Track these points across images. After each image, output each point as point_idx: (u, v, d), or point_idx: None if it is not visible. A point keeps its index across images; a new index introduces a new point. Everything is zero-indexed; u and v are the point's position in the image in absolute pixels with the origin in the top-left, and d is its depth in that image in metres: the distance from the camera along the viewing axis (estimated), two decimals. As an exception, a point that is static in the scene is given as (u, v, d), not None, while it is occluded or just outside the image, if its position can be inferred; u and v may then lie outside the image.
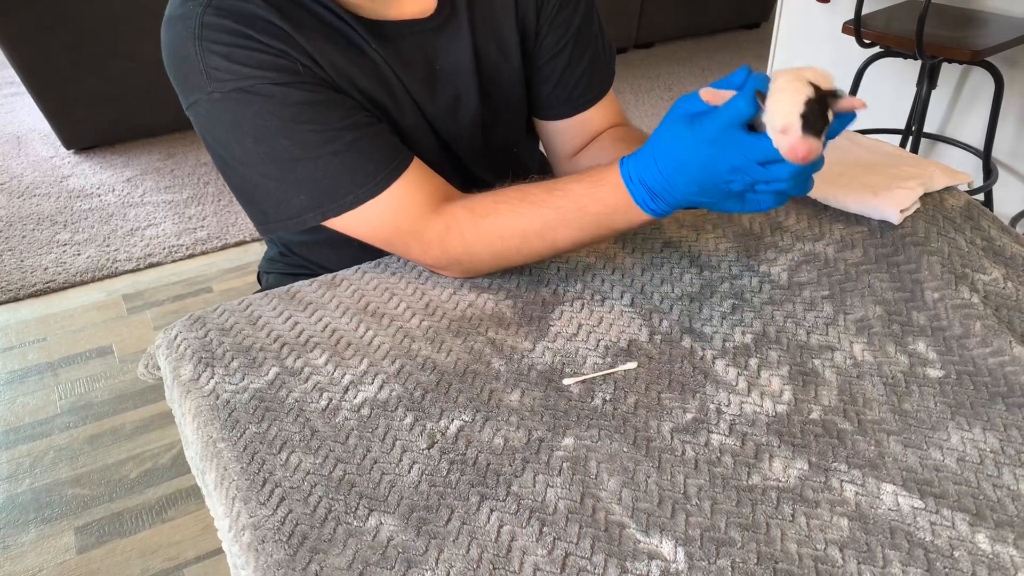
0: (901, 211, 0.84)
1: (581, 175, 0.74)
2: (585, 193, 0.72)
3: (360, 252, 0.85)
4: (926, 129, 2.16)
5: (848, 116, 0.62)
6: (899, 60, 2.09)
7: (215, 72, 0.72)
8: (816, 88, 0.58)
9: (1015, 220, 2.04)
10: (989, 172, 1.99)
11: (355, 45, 0.79)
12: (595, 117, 0.96)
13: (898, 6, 2.03)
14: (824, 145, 0.60)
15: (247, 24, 0.73)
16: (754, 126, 0.62)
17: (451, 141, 0.90)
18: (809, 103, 0.57)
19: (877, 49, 1.96)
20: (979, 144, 2.04)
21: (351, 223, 0.79)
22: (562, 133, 0.98)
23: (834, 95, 0.59)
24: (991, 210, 1.88)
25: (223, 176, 0.80)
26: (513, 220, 0.75)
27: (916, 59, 1.84)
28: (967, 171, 0.93)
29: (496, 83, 0.89)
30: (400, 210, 0.78)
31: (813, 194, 0.90)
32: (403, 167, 0.78)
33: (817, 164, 0.63)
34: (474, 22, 0.85)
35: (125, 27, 2.74)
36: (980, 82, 2.06)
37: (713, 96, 0.63)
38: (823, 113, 0.58)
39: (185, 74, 0.74)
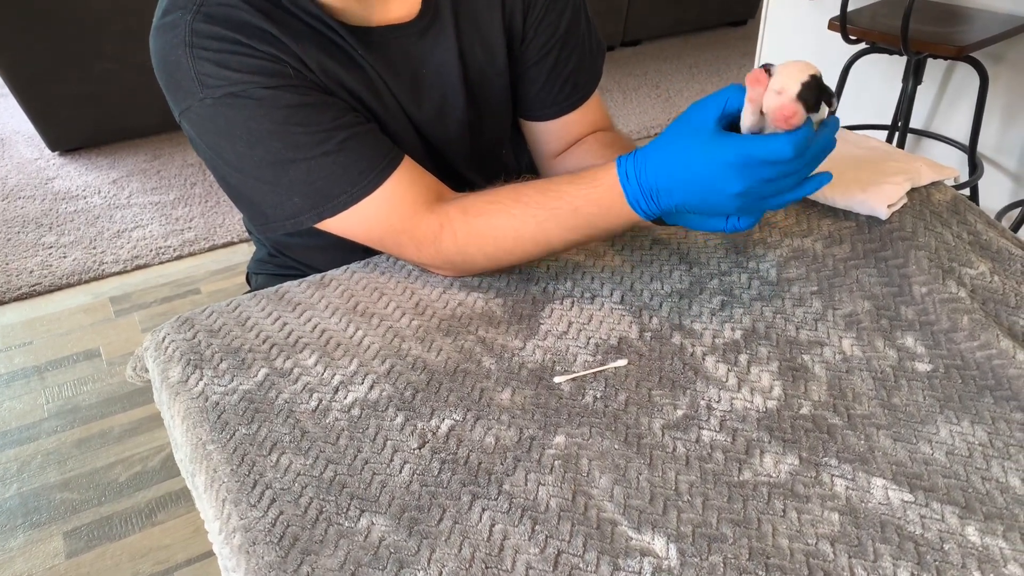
0: (889, 206, 0.84)
1: (575, 176, 0.74)
2: (579, 194, 0.72)
3: (350, 255, 0.85)
4: (912, 125, 2.17)
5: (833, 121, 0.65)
6: (885, 56, 2.10)
7: (206, 78, 0.72)
8: (821, 78, 0.62)
9: (1000, 214, 2.05)
10: (975, 167, 2.00)
11: (343, 51, 0.79)
12: (580, 119, 0.96)
13: (883, 2, 2.04)
14: (814, 132, 0.63)
15: (236, 30, 0.72)
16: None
17: (438, 146, 0.90)
18: (812, 79, 0.60)
19: (863, 45, 1.97)
20: (964, 139, 2.06)
21: (346, 223, 0.79)
22: (547, 134, 0.98)
23: (831, 95, 0.63)
24: (977, 205, 1.89)
25: (219, 181, 0.80)
26: (506, 221, 0.75)
27: (902, 55, 1.85)
28: (953, 166, 0.93)
29: (482, 85, 0.89)
30: (393, 208, 0.78)
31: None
32: (395, 164, 0.78)
33: (817, 157, 0.65)
34: (459, 24, 0.84)
35: (109, 28, 2.72)
36: (965, 78, 2.07)
37: (757, 83, 0.63)
38: (819, 94, 0.61)
39: (177, 81, 0.74)
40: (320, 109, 0.75)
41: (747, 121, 0.64)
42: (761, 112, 0.63)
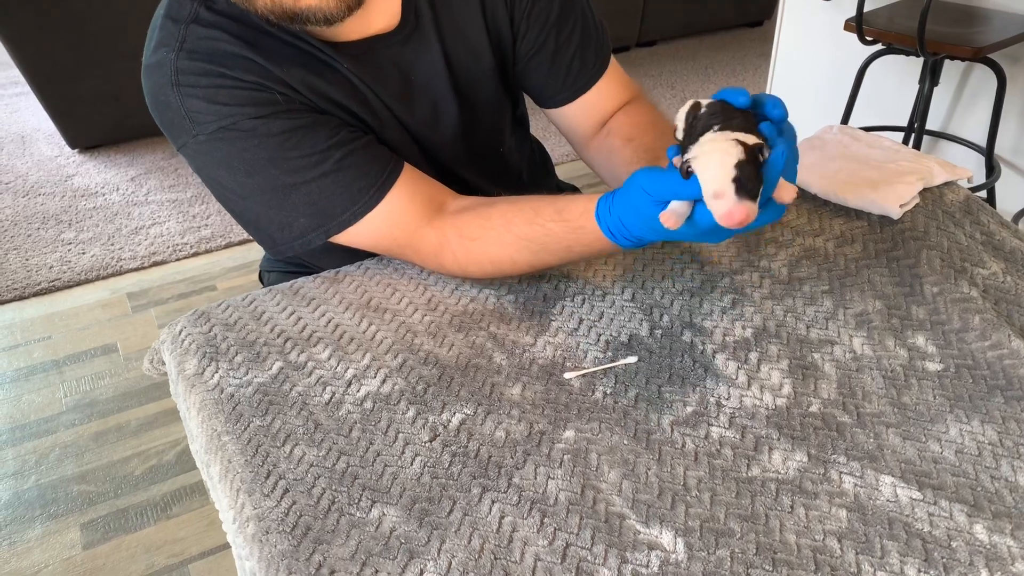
0: (900, 206, 0.84)
1: (559, 214, 0.72)
2: (567, 236, 0.72)
3: (354, 258, 0.86)
4: (928, 126, 2.16)
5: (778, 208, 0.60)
6: (901, 57, 2.09)
7: (196, 115, 0.74)
8: (744, 145, 0.55)
9: (1018, 217, 2.04)
10: (992, 169, 1.99)
11: (328, 66, 0.79)
12: (601, 97, 0.94)
13: (900, 3, 2.03)
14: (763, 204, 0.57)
15: (220, 63, 0.73)
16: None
17: (434, 151, 0.90)
18: (740, 165, 0.54)
19: (879, 46, 1.96)
20: (982, 141, 2.04)
21: (352, 237, 0.80)
22: (572, 118, 0.96)
23: (762, 148, 0.56)
24: (994, 207, 1.88)
25: (226, 208, 0.82)
26: (500, 248, 0.76)
27: (918, 56, 1.84)
28: (970, 168, 0.92)
29: (471, 87, 0.89)
30: (395, 223, 0.79)
31: (813, 189, 0.91)
32: (394, 177, 0.78)
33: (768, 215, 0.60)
34: (440, 29, 0.84)
35: (129, 26, 2.75)
36: (982, 79, 2.05)
37: (674, 221, 0.60)
38: (756, 173, 0.54)
39: (169, 120, 0.76)
40: (313, 130, 0.76)
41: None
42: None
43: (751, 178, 0.54)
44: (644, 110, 0.95)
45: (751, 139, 0.56)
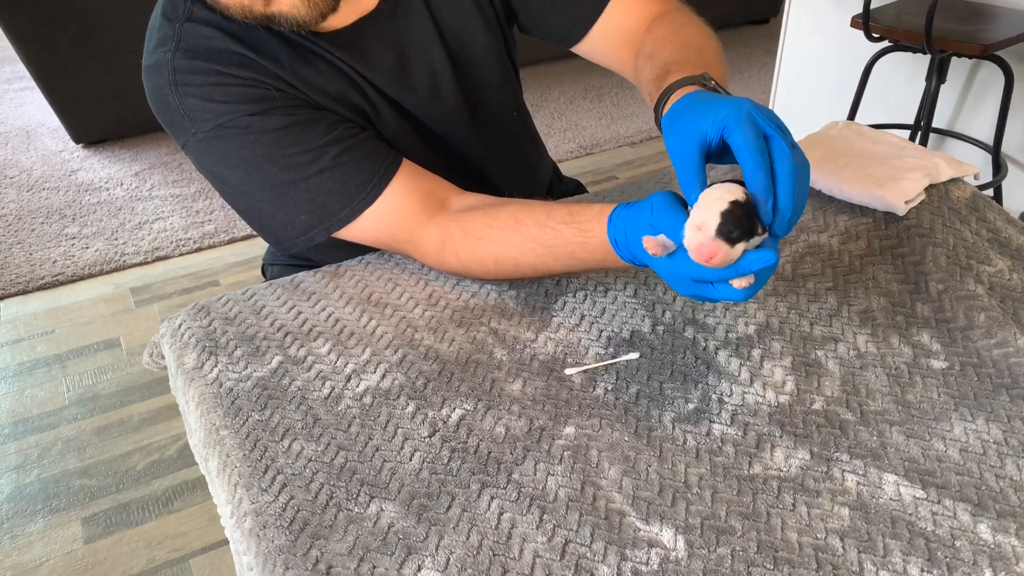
0: (906, 203, 0.83)
1: (571, 216, 0.71)
2: (574, 240, 0.71)
3: (361, 253, 0.86)
4: (935, 124, 2.15)
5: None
6: (908, 54, 2.08)
7: (194, 113, 0.74)
8: (747, 194, 0.54)
9: (1024, 216, 2.03)
10: (999, 167, 1.98)
11: (321, 58, 0.79)
12: (618, 15, 0.88)
13: (907, 0, 2.02)
14: (751, 262, 0.55)
15: (215, 60, 0.73)
16: None
17: (436, 127, 0.89)
18: (734, 205, 0.53)
19: (886, 43, 1.95)
20: (989, 139, 2.03)
21: (353, 234, 0.80)
22: (602, 47, 0.90)
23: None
24: (1000, 205, 1.87)
25: (231, 206, 0.82)
26: (505, 248, 0.75)
27: (925, 53, 1.83)
28: (976, 166, 0.91)
29: (464, 51, 0.88)
30: (394, 219, 0.78)
31: (818, 186, 0.90)
32: (392, 172, 0.78)
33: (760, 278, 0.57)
34: None
35: (133, 21, 2.74)
36: (990, 77, 2.04)
37: (655, 247, 0.58)
38: (747, 224, 0.53)
39: (170, 120, 0.76)
40: (310, 126, 0.76)
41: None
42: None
43: (738, 222, 0.52)
44: (669, 20, 0.86)
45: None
